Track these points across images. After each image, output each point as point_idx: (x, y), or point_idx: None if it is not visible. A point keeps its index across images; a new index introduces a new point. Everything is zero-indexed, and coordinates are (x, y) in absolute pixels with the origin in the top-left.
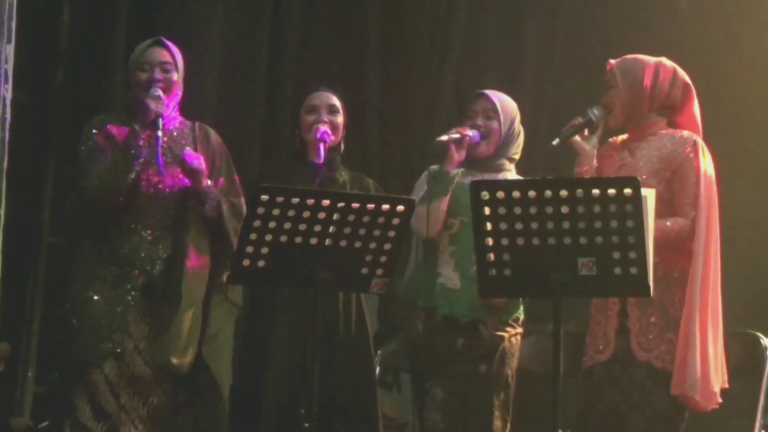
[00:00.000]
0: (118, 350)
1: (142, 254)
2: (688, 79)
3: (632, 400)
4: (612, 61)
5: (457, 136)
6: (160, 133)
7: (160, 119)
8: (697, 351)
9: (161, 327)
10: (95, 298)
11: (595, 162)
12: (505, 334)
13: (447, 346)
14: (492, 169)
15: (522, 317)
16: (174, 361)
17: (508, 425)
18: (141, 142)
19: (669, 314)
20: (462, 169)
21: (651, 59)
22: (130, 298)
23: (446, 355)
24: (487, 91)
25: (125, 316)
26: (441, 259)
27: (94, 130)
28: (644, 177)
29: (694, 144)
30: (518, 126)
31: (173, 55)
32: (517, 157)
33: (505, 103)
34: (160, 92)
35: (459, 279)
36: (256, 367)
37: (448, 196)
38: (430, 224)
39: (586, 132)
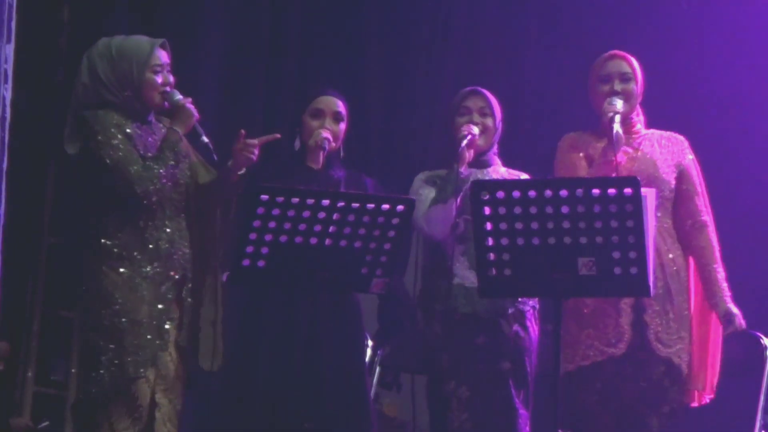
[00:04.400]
0: (161, 351)
1: (178, 250)
2: None
3: (651, 397)
4: (626, 54)
5: (470, 137)
6: (205, 139)
7: (198, 124)
8: (718, 351)
9: (190, 324)
10: (144, 298)
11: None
12: (525, 330)
13: (467, 345)
14: (483, 164)
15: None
16: (205, 362)
17: (529, 422)
18: (182, 145)
19: (684, 312)
20: (473, 169)
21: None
22: (170, 296)
23: (467, 354)
24: (481, 89)
25: (167, 314)
26: (453, 260)
27: (112, 129)
28: (664, 170)
29: (689, 145)
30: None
31: (170, 58)
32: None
33: (495, 99)
34: (180, 95)
35: (475, 277)
36: (247, 366)
37: (459, 198)
38: (440, 225)
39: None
